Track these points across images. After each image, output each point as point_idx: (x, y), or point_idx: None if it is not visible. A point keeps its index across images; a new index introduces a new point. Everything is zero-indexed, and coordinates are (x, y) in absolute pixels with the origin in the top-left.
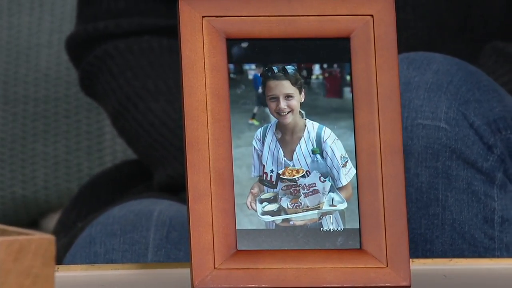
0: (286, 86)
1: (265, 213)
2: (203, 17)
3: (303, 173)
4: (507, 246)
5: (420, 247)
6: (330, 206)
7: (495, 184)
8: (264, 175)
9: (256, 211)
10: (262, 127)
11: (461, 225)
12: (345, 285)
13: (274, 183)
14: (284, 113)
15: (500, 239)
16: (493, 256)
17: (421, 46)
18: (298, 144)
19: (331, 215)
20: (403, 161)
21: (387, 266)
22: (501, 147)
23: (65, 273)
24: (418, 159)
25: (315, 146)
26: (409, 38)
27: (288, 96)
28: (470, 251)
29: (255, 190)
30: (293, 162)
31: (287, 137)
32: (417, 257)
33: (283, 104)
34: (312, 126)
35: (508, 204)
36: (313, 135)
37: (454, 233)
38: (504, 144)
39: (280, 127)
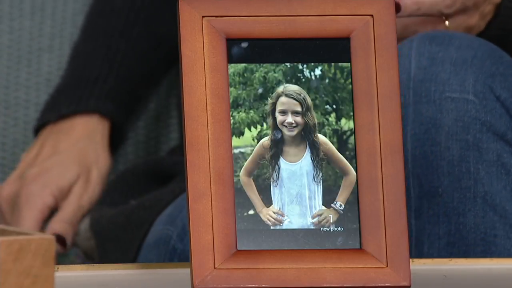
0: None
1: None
2: (203, 17)
3: None
4: None
5: (453, 220)
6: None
7: None
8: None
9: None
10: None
11: (493, 197)
12: (345, 285)
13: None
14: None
15: None
16: None
17: None
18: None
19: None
20: (403, 161)
21: (387, 266)
22: None
23: (65, 273)
24: (449, 132)
25: None
26: None
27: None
28: (501, 223)
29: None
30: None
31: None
32: (450, 230)
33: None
34: None
35: None
36: None
37: (485, 205)
38: None
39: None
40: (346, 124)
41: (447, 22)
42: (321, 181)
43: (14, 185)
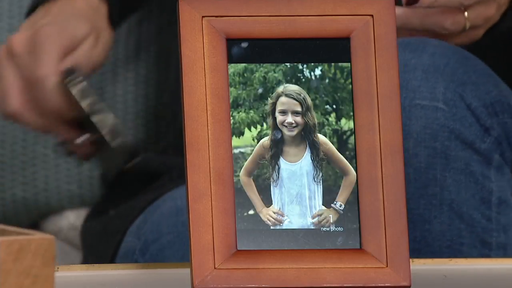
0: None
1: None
2: (203, 17)
3: None
4: (505, 228)
5: (419, 227)
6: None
7: (492, 166)
8: None
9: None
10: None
11: (459, 205)
12: (345, 285)
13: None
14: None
15: (497, 220)
16: (490, 236)
17: None
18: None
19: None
20: (403, 161)
21: (387, 266)
22: (498, 130)
23: (65, 273)
24: (417, 139)
25: None
26: None
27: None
28: (468, 232)
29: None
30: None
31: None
32: (416, 237)
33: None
34: None
35: (505, 186)
36: None
37: (452, 213)
38: (501, 127)
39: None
40: (346, 124)
41: (466, 13)
42: (321, 181)
43: (26, 32)
